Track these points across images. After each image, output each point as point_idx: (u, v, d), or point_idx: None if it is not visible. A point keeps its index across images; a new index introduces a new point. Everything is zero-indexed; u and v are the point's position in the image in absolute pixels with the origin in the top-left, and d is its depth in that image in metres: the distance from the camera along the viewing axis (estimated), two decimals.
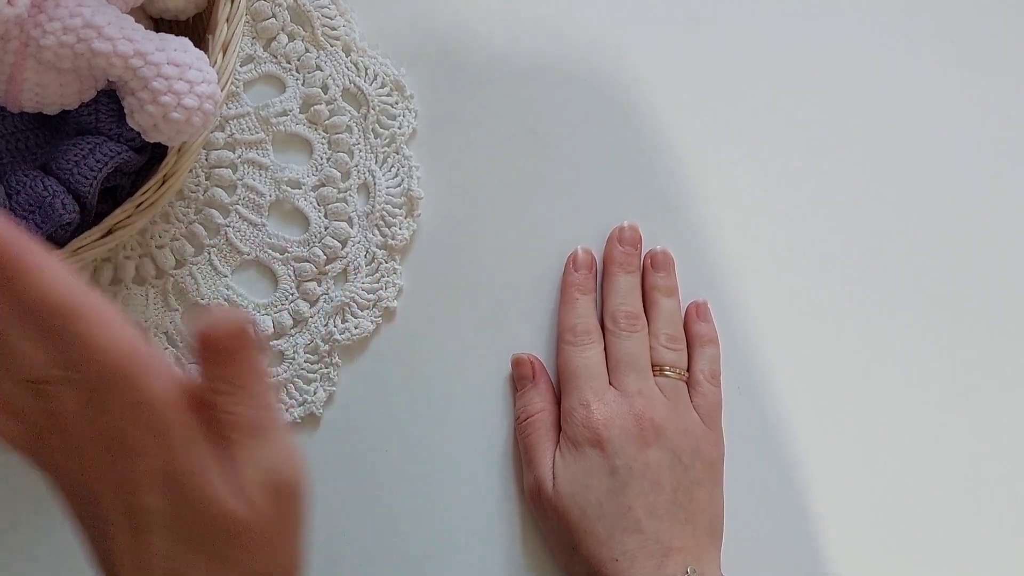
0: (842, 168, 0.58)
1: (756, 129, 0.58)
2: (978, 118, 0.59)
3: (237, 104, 0.55)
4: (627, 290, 0.54)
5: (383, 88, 0.55)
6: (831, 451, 0.55)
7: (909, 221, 0.58)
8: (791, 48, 0.59)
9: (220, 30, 0.45)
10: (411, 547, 0.53)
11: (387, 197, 0.55)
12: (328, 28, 0.55)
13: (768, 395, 0.55)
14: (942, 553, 0.55)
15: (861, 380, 0.56)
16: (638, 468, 0.50)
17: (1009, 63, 0.60)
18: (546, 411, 0.53)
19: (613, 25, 0.57)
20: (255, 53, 0.55)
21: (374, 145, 0.55)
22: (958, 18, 0.60)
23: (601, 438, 0.50)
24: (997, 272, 0.58)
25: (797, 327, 0.56)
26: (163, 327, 0.53)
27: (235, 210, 0.54)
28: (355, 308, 0.54)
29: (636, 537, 0.49)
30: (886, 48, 0.59)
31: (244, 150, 0.55)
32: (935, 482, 0.56)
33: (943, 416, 0.56)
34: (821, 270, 0.57)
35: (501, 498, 0.53)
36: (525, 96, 0.56)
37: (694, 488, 0.50)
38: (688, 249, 0.56)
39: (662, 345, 0.53)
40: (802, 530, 0.55)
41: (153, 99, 0.42)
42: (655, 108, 0.57)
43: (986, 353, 0.57)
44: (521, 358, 0.54)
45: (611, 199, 0.56)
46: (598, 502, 0.49)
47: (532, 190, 0.56)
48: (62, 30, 0.42)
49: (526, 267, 0.55)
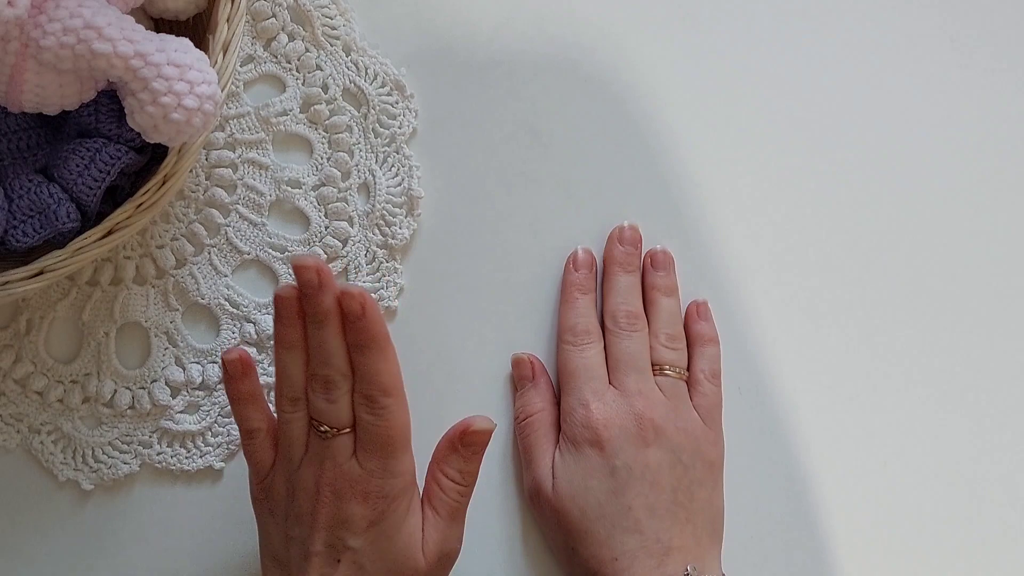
0: (842, 168, 0.58)
1: (756, 129, 0.58)
2: (978, 118, 0.59)
3: (237, 104, 0.55)
4: (627, 289, 0.54)
5: (383, 88, 0.55)
6: (831, 451, 0.55)
7: (909, 221, 0.58)
8: (791, 48, 0.59)
9: (220, 30, 0.45)
10: None
11: (387, 197, 0.55)
12: (328, 28, 0.55)
13: (768, 395, 0.55)
14: (942, 552, 0.55)
15: (861, 380, 0.56)
16: (638, 468, 0.50)
17: (1009, 63, 0.60)
18: (546, 411, 0.53)
19: (613, 25, 0.57)
20: (255, 53, 0.55)
21: (374, 145, 0.55)
22: (958, 18, 0.60)
23: (601, 438, 0.50)
24: (997, 272, 0.58)
25: (797, 327, 0.56)
26: (163, 327, 0.53)
27: (235, 210, 0.54)
28: None
29: (636, 537, 0.49)
30: (886, 48, 0.59)
31: (244, 150, 0.55)
32: (936, 481, 0.56)
33: (944, 416, 0.57)
34: (821, 270, 0.57)
35: (501, 498, 0.53)
36: (525, 96, 0.56)
37: (694, 488, 0.50)
38: (688, 249, 0.56)
39: (662, 344, 0.53)
40: (802, 530, 0.55)
41: (153, 100, 0.42)
42: (655, 108, 0.57)
43: (987, 353, 0.57)
44: (521, 358, 0.54)
45: (611, 199, 0.56)
46: (598, 502, 0.49)
47: (532, 190, 0.56)
48: (62, 31, 0.42)
49: (526, 267, 0.55)
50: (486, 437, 0.48)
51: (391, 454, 0.45)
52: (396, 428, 0.45)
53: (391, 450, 0.45)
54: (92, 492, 0.52)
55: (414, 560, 0.46)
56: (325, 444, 0.46)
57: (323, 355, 0.46)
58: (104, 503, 0.52)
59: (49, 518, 0.52)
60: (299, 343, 0.46)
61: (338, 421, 0.46)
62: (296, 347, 0.46)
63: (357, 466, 0.45)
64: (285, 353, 0.46)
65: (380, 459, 0.45)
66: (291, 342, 0.46)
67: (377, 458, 0.45)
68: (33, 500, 0.52)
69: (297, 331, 0.46)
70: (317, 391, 0.46)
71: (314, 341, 0.46)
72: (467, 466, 0.48)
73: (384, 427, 0.45)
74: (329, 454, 0.46)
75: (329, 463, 0.46)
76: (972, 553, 0.56)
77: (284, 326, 0.46)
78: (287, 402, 0.47)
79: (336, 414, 0.46)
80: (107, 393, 0.53)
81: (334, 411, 0.46)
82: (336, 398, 0.46)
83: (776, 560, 0.54)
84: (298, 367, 0.46)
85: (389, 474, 0.45)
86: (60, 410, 0.53)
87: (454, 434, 0.48)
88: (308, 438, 0.47)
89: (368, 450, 0.45)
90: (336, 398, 0.46)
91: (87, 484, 0.52)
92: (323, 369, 0.46)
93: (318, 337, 0.46)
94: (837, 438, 0.56)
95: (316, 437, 0.46)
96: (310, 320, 0.46)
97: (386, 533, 0.46)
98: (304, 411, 0.47)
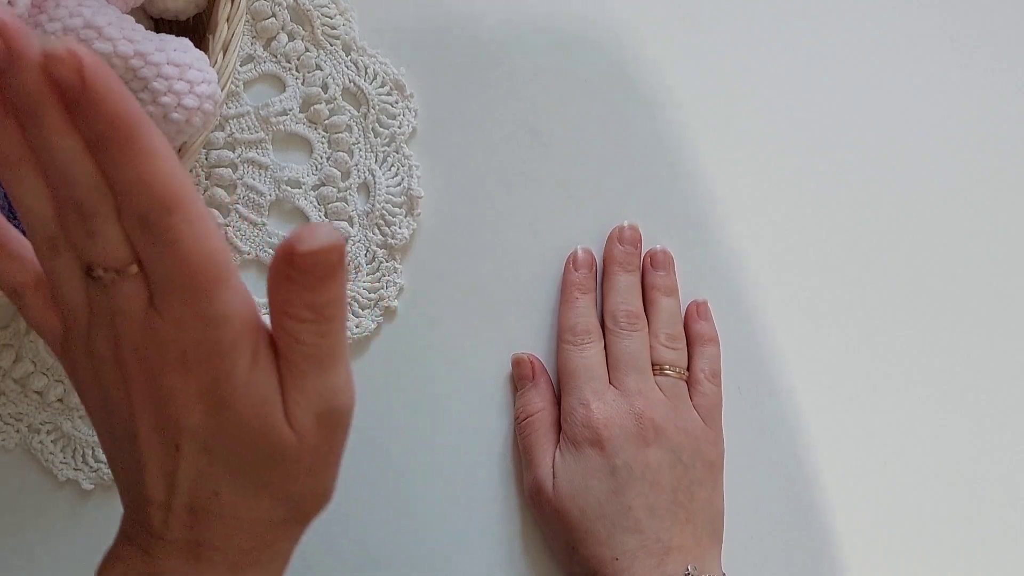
0: (842, 168, 0.58)
1: (756, 129, 0.58)
2: (978, 118, 0.59)
3: (237, 103, 0.55)
4: (627, 289, 0.54)
5: (383, 87, 0.55)
6: (831, 451, 0.55)
7: (909, 221, 0.58)
8: (791, 48, 0.59)
9: (220, 30, 0.45)
10: (411, 546, 0.53)
11: (387, 196, 0.55)
12: (328, 27, 0.55)
13: (768, 395, 0.55)
14: (942, 552, 0.55)
15: (861, 380, 0.56)
16: (638, 468, 0.50)
17: (1009, 63, 0.60)
18: (546, 411, 0.53)
19: (613, 25, 0.57)
20: (255, 52, 0.55)
21: (374, 144, 0.55)
22: (958, 18, 0.60)
23: (601, 438, 0.50)
24: (997, 272, 0.58)
25: (797, 327, 0.56)
26: None
27: (235, 209, 0.54)
28: (356, 307, 0.54)
29: (636, 536, 0.49)
30: (886, 48, 0.59)
31: (244, 149, 0.55)
32: (936, 481, 0.56)
33: (944, 416, 0.57)
34: (821, 269, 0.57)
35: (501, 498, 0.53)
36: (525, 96, 0.56)
37: (694, 487, 0.50)
38: (688, 249, 0.56)
39: (662, 344, 0.53)
40: (802, 530, 0.55)
41: (153, 100, 0.42)
42: (655, 108, 0.57)
43: (987, 353, 0.57)
44: (521, 358, 0.54)
45: (611, 199, 0.56)
46: (598, 502, 0.49)
47: (532, 190, 0.56)
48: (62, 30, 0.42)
49: (526, 267, 0.55)
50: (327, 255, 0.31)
51: (201, 294, 0.31)
52: (197, 255, 0.31)
53: (200, 288, 0.31)
54: (92, 492, 0.52)
55: (276, 431, 0.33)
56: (107, 296, 0.32)
57: (57, 167, 0.31)
58: (104, 503, 0.52)
59: (49, 518, 0.52)
60: (23, 153, 0.31)
61: (112, 258, 0.32)
62: (21, 160, 0.31)
63: (158, 318, 0.32)
64: (8, 174, 0.32)
65: (186, 303, 0.31)
66: (10, 156, 0.31)
67: (181, 302, 0.31)
68: (33, 500, 0.52)
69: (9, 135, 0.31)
70: (71, 224, 0.32)
71: (38, 147, 0.31)
72: (316, 296, 0.32)
73: (179, 256, 0.31)
74: (117, 308, 0.32)
75: (121, 319, 0.32)
76: (972, 553, 0.56)
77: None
78: (44, 245, 0.33)
79: (104, 248, 0.32)
80: None
81: (101, 245, 0.31)
82: (97, 227, 0.31)
83: (776, 560, 0.54)
84: (35, 192, 0.32)
85: (207, 323, 0.32)
86: (60, 409, 0.53)
87: (279, 260, 0.31)
88: (88, 293, 0.33)
89: (167, 295, 0.32)
90: (97, 227, 0.31)
91: (87, 484, 0.52)
92: (66, 189, 0.31)
93: (41, 139, 0.30)
94: (837, 438, 0.56)
95: (95, 289, 0.33)
96: (22, 114, 0.30)
97: (227, 403, 0.33)
98: (70, 256, 0.33)
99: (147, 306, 0.32)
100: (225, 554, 0.35)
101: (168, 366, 0.32)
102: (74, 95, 0.28)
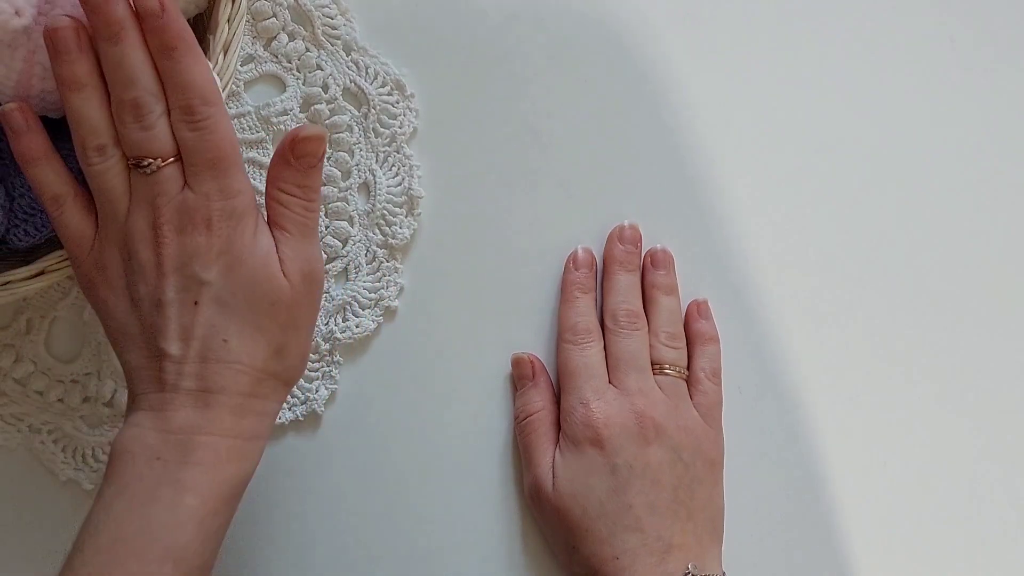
0: (842, 168, 0.58)
1: (756, 128, 0.58)
2: (978, 118, 0.59)
3: (238, 103, 0.55)
4: (627, 288, 0.54)
5: (384, 87, 0.55)
6: (831, 451, 0.55)
7: (909, 220, 0.58)
8: (791, 48, 0.59)
9: (221, 30, 0.45)
10: (411, 546, 0.53)
11: (388, 196, 0.55)
12: (329, 28, 0.55)
13: (768, 395, 0.56)
14: (942, 552, 0.55)
15: (862, 379, 0.56)
16: (639, 466, 0.50)
17: (1009, 63, 0.60)
18: (546, 410, 0.53)
19: (613, 25, 0.57)
20: (256, 53, 0.55)
21: (374, 144, 0.55)
22: (958, 18, 0.60)
23: (601, 437, 0.50)
24: (997, 272, 0.58)
25: (797, 326, 0.56)
26: None
27: None
28: (356, 307, 0.54)
29: (637, 535, 0.49)
30: (886, 48, 0.59)
31: (245, 149, 0.55)
32: (936, 481, 0.56)
33: (944, 416, 0.57)
34: (822, 269, 0.57)
35: (501, 498, 0.53)
36: (526, 96, 0.56)
37: (695, 486, 0.51)
38: (688, 249, 0.56)
39: (662, 343, 0.53)
40: (802, 530, 0.55)
41: None
42: (655, 108, 0.57)
43: (987, 353, 0.57)
44: (521, 357, 0.54)
45: (611, 199, 0.56)
46: (598, 501, 0.49)
47: (532, 190, 0.56)
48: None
49: (526, 267, 0.55)
50: (317, 145, 0.43)
51: (225, 171, 0.42)
52: (225, 140, 0.42)
53: (225, 165, 0.42)
54: (93, 492, 0.52)
55: (276, 281, 0.43)
56: (152, 181, 0.42)
57: (127, 74, 0.41)
58: None
59: (50, 517, 0.52)
60: (90, 79, 0.41)
61: (161, 149, 0.42)
62: (88, 84, 0.41)
63: (191, 194, 0.42)
64: (75, 96, 0.41)
65: (214, 178, 0.42)
66: (80, 79, 0.41)
67: (211, 178, 0.42)
68: (34, 499, 0.52)
69: (85, 65, 0.41)
70: (128, 121, 0.41)
71: (112, 62, 0.41)
72: (304, 179, 0.44)
73: (213, 140, 0.42)
74: (160, 190, 0.42)
75: (162, 199, 0.42)
76: (972, 553, 0.56)
77: (67, 62, 0.41)
78: (93, 153, 0.42)
79: (157, 141, 0.42)
80: (107, 393, 0.53)
81: (153, 138, 0.41)
82: (152, 122, 0.41)
83: (776, 560, 0.54)
84: (96, 107, 0.42)
85: (227, 194, 0.42)
86: (61, 410, 0.53)
87: (284, 147, 0.43)
88: (130, 184, 0.42)
89: (199, 172, 0.42)
90: (152, 122, 0.41)
91: (88, 484, 0.52)
92: (130, 92, 0.41)
93: (116, 55, 0.41)
94: (837, 438, 0.56)
95: (139, 178, 0.42)
96: (103, 39, 0.41)
97: (239, 259, 0.42)
98: (116, 156, 0.42)
99: (182, 186, 0.42)
100: (230, 396, 0.42)
101: (196, 228, 0.42)
102: (155, 19, 0.40)
